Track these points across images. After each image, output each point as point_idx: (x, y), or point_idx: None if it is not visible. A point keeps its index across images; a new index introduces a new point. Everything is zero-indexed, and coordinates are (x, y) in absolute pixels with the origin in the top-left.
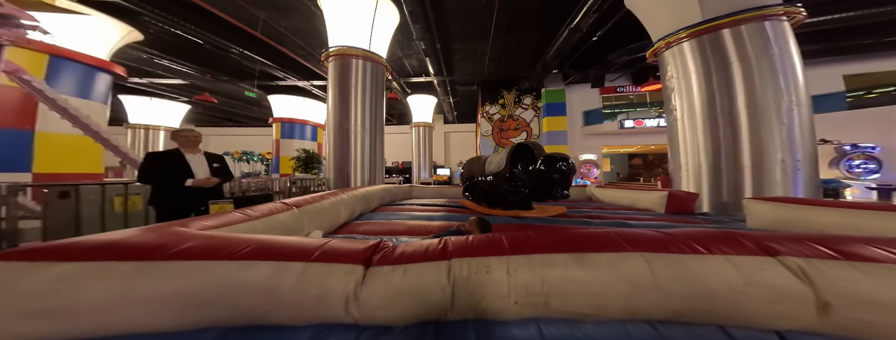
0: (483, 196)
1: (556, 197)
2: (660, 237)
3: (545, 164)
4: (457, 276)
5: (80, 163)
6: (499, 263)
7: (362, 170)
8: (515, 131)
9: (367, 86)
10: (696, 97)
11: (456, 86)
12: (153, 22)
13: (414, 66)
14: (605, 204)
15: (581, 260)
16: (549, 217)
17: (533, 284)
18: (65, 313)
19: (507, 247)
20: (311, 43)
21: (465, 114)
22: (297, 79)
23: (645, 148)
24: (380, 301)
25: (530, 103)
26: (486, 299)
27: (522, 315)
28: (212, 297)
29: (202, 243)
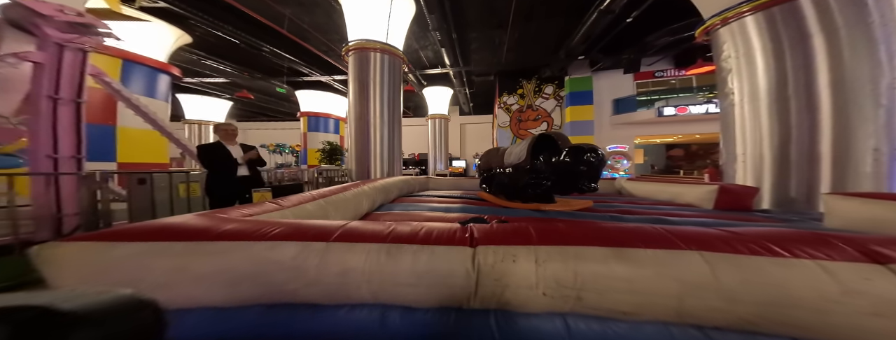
0: (501, 188)
1: (583, 190)
2: (723, 235)
3: (571, 156)
4: (482, 263)
5: (150, 155)
6: (526, 252)
7: (381, 162)
8: (535, 122)
9: (385, 79)
10: (761, 78)
11: (472, 77)
12: (198, 24)
13: (429, 58)
14: (638, 199)
15: (622, 255)
16: (574, 211)
17: (564, 276)
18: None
19: (534, 237)
20: (332, 38)
21: (482, 105)
22: (320, 75)
23: (687, 137)
24: (404, 279)
25: (552, 92)
26: (511, 288)
27: (550, 308)
28: (249, 273)
29: (240, 226)
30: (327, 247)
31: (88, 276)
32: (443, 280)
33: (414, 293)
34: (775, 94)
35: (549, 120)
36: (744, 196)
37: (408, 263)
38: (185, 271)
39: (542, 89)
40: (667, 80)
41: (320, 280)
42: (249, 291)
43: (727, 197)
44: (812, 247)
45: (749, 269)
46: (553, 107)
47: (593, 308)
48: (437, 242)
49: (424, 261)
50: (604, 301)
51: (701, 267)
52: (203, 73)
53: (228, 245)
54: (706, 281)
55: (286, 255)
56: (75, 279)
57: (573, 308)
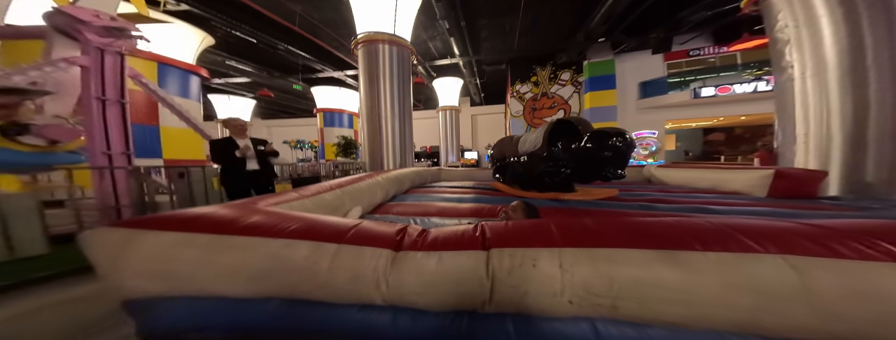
0: (516, 177)
1: (608, 177)
2: (811, 231)
3: (593, 141)
4: (497, 268)
5: (190, 152)
6: (549, 256)
7: (393, 154)
8: (551, 110)
9: (393, 71)
10: (829, 48)
11: (483, 67)
12: (219, 25)
13: (438, 48)
14: (672, 187)
15: (673, 259)
16: (597, 200)
17: (597, 285)
18: (166, 274)
19: (557, 237)
20: (341, 33)
21: (493, 95)
22: (332, 71)
23: (730, 120)
24: (412, 288)
25: (569, 78)
26: (531, 296)
27: (577, 314)
28: (265, 271)
29: (262, 219)
30: (338, 250)
31: (126, 260)
32: (453, 288)
33: (422, 301)
34: (849, 65)
35: (566, 107)
36: (807, 181)
37: (414, 272)
38: (208, 265)
39: (559, 76)
40: (704, 59)
41: (331, 283)
42: (267, 288)
43: (785, 183)
44: None
45: (851, 276)
46: (570, 93)
47: (632, 317)
48: (445, 247)
49: (431, 270)
50: (646, 311)
51: (786, 275)
52: (228, 74)
53: (248, 240)
54: (793, 294)
55: (299, 255)
56: (115, 262)
57: (607, 316)
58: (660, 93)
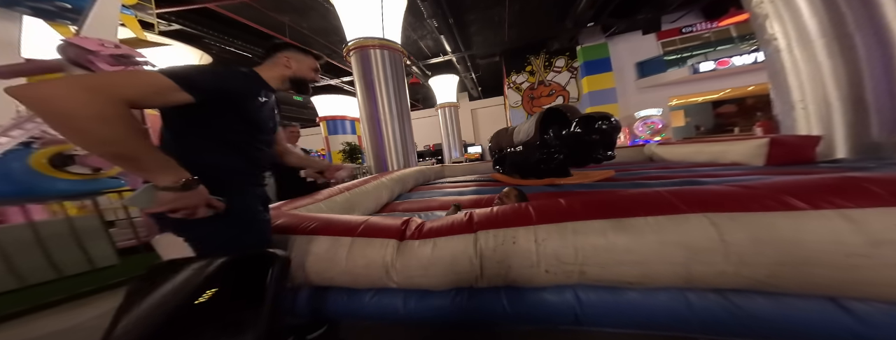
0: (514, 167)
1: (599, 159)
2: (734, 192)
3: (581, 126)
4: (483, 247)
5: None
6: (526, 233)
7: (396, 155)
8: (549, 98)
9: (388, 74)
10: (808, 18)
11: (477, 61)
12: (212, 42)
13: (430, 47)
14: (672, 163)
15: (621, 226)
16: (594, 182)
17: (564, 253)
18: None
19: (534, 216)
20: (332, 40)
21: (491, 88)
22: (329, 79)
23: (738, 91)
24: (415, 271)
25: (564, 65)
26: (515, 269)
27: (556, 282)
28: (297, 263)
29: (287, 220)
30: (353, 242)
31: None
32: (449, 268)
33: (426, 281)
34: (832, 33)
35: (564, 93)
36: (802, 147)
37: (415, 257)
38: None
39: (553, 63)
40: (699, 35)
41: (350, 270)
42: (299, 275)
43: (781, 151)
44: (838, 195)
45: (759, 227)
46: (567, 79)
47: (599, 281)
48: (439, 234)
49: (428, 254)
50: (607, 274)
51: (706, 231)
52: None
53: (279, 237)
54: (712, 246)
55: (321, 248)
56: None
57: (579, 281)
58: (658, 71)
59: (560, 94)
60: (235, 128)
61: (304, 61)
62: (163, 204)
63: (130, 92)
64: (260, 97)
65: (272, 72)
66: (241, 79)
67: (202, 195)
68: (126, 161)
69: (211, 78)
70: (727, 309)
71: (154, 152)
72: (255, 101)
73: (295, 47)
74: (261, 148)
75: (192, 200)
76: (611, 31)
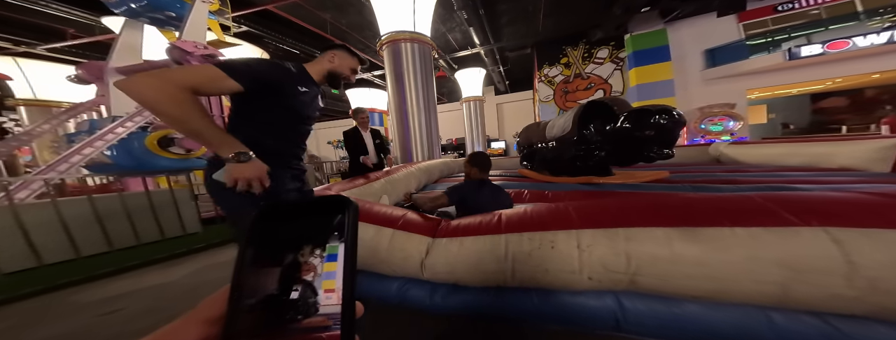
0: (544, 163)
1: (652, 158)
2: (866, 201)
3: (632, 120)
4: (516, 251)
5: None
6: (566, 238)
7: (421, 147)
8: (586, 92)
9: (417, 68)
10: None
11: (506, 53)
12: (270, 41)
13: (458, 40)
14: (746, 166)
15: (692, 236)
16: (641, 182)
17: (614, 261)
18: None
19: (575, 219)
20: (366, 35)
21: (520, 82)
22: (362, 73)
23: (856, 80)
24: (442, 268)
25: (607, 56)
26: (552, 273)
27: (599, 289)
28: None
29: None
30: (393, 234)
31: None
32: (474, 267)
33: (452, 278)
34: None
35: (605, 86)
36: None
37: (443, 255)
38: None
39: (594, 54)
40: (803, 11)
41: (389, 260)
42: None
43: None
44: None
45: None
46: (611, 71)
47: (653, 291)
48: (465, 233)
49: (454, 252)
50: (667, 285)
51: (825, 249)
52: None
53: None
54: (831, 267)
55: (367, 235)
56: None
57: (627, 289)
58: (737, 58)
59: (600, 88)
60: (275, 112)
61: (347, 60)
62: (229, 176)
63: (191, 80)
64: (300, 87)
65: (317, 66)
66: (281, 72)
67: (257, 168)
68: (196, 136)
69: (256, 68)
70: (828, 336)
71: (216, 129)
72: (295, 90)
73: (346, 49)
74: (299, 130)
75: (248, 172)
76: (673, 15)
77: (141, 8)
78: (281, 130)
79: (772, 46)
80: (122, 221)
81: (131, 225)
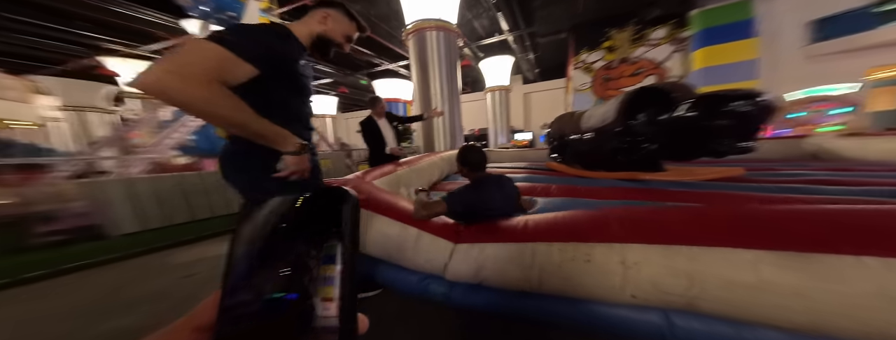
0: (577, 156)
1: (722, 152)
2: None
3: (700, 107)
4: (543, 262)
5: None
6: (606, 252)
7: (444, 137)
8: (633, 78)
9: (442, 56)
10: None
11: (537, 39)
12: None
13: (485, 26)
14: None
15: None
16: (703, 181)
17: (669, 283)
18: None
19: (618, 231)
20: (392, 26)
21: (551, 70)
22: (388, 63)
23: None
24: (465, 272)
25: (665, 36)
26: (587, 288)
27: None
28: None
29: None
30: (419, 235)
31: None
32: (498, 275)
33: (475, 281)
34: None
35: (658, 71)
36: None
37: (464, 261)
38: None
39: (647, 35)
40: None
41: (413, 259)
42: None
43: None
44: None
45: None
46: (668, 54)
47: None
48: (486, 239)
49: (474, 257)
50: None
51: None
52: (318, 77)
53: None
54: None
55: (393, 231)
56: None
57: (681, 309)
58: (859, 29)
59: (652, 73)
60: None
61: (343, 24)
62: (288, 167)
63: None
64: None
65: (304, 28)
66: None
67: (307, 160)
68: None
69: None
70: None
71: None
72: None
73: (343, 8)
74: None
75: (305, 163)
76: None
77: (209, 10)
78: (294, 113)
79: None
80: (201, 196)
81: (208, 200)
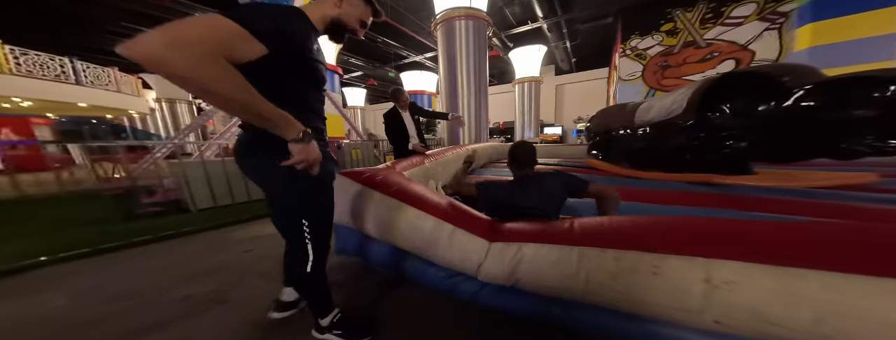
0: (627, 154)
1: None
2: None
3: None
4: (592, 270)
5: (338, 131)
6: (684, 266)
7: (471, 130)
8: (702, 65)
9: (470, 47)
10: None
11: (575, 26)
12: None
13: (516, 14)
14: None
15: None
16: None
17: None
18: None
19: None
20: (421, 16)
21: (590, 58)
22: (415, 55)
23: None
24: (498, 274)
25: (756, 11)
26: (649, 305)
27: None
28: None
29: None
30: (453, 231)
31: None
32: (532, 278)
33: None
34: None
35: (741, 54)
36: None
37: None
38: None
39: (726, 13)
40: None
41: (446, 256)
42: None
43: None
44: None
45: None
46: (758, 33)
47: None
48: (524, 239)
49: (510, 257)
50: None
51: None
52: (350, 70)
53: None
54: None
55: (427, 226)
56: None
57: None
58: None
59: (730, 57)
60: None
61: (359, 8)
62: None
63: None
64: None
65: (318, 11)
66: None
67: (317, 150)
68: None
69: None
70: None
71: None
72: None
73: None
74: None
75: (313, 153)
76: None
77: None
78: (301, 99)
79: None
80: None
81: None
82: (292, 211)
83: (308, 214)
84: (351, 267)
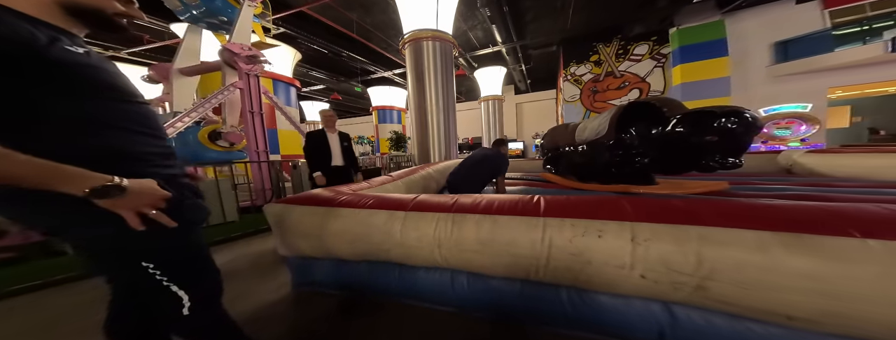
0: (571, 168)
1: (712, 167)
2: None
3: (688, 124)
4: (553, 235)
5: (296, 149)
6: (618, 228)
7: (439, 146)
8: (619, 91)
9: (437, 66)
10: None
11: (529, 51)
12: (303, 42)
13: (479, 38)
14: (829, 179)
15: (801, 244)
16: (691, 194)
17: (679, 261)
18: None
19: (630, 211)
20: (389, 35)
21: (542, 81)
22: (383, 71)
23: None
24: (470, 245)
25: (646, 52)
26: (595, 265)
27: (650, 294)
28: (358, 234)
29: (350, 197)
30: (406, 215)
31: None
32: (505, 248)
33: (479, 259)
34: None
35: (642, 85)
36: None
37: (472, 232)
38: (324, 228)
39: (630, 50)
40: None
41: (404, 242)
42: (360, 248)
43: None
44: None
45: None
46: (650, 69)
47: (724, 303)
48: (500, 212)
49: (487, 229)
50: (750, 297)
51: None
52: (310, 83)
53: (345, 210)
54: None
55: (380, 221)
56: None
57: (686, 299)
58: (819, 51)
59: (636, 87)
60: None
61: None
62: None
63: None
64: (46, 40)
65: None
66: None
67: (144, 190)
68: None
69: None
70: None
71: (26, 160)
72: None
73: None
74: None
75: (143, 199)
76: (733, 4)
77: (200, 14)
78: (97, 120)
79: (868, 36)
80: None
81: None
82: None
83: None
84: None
